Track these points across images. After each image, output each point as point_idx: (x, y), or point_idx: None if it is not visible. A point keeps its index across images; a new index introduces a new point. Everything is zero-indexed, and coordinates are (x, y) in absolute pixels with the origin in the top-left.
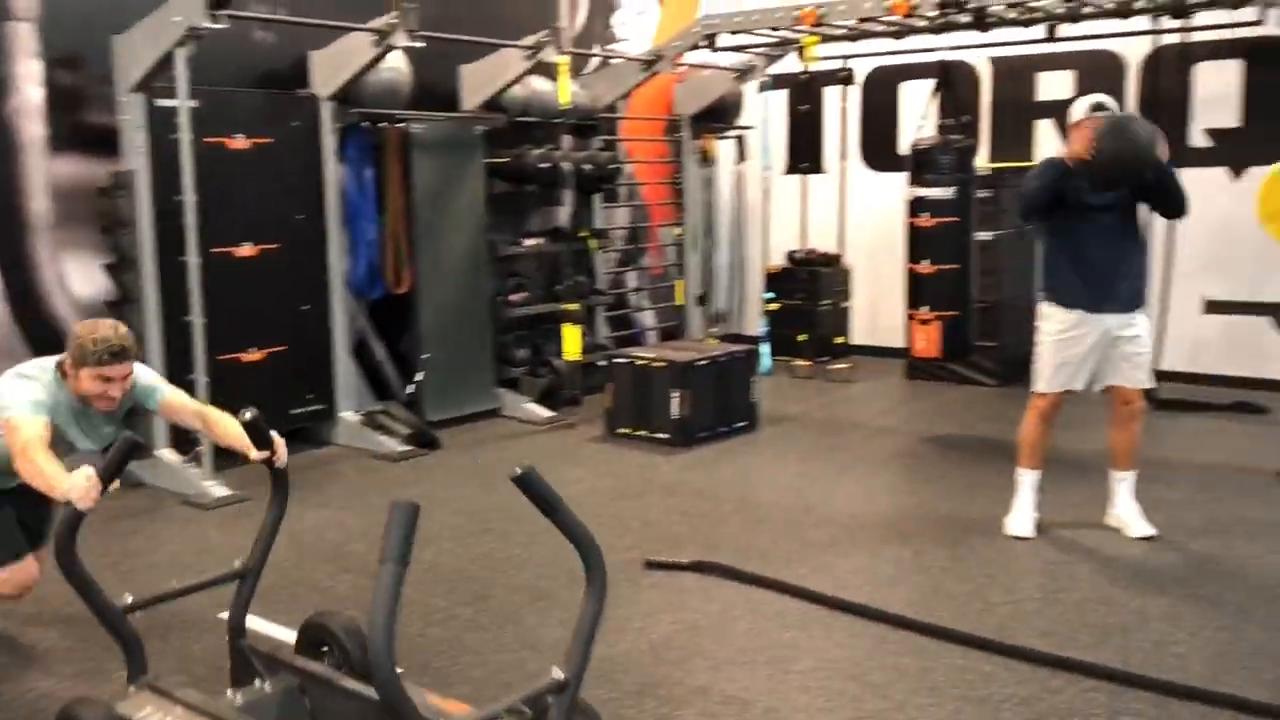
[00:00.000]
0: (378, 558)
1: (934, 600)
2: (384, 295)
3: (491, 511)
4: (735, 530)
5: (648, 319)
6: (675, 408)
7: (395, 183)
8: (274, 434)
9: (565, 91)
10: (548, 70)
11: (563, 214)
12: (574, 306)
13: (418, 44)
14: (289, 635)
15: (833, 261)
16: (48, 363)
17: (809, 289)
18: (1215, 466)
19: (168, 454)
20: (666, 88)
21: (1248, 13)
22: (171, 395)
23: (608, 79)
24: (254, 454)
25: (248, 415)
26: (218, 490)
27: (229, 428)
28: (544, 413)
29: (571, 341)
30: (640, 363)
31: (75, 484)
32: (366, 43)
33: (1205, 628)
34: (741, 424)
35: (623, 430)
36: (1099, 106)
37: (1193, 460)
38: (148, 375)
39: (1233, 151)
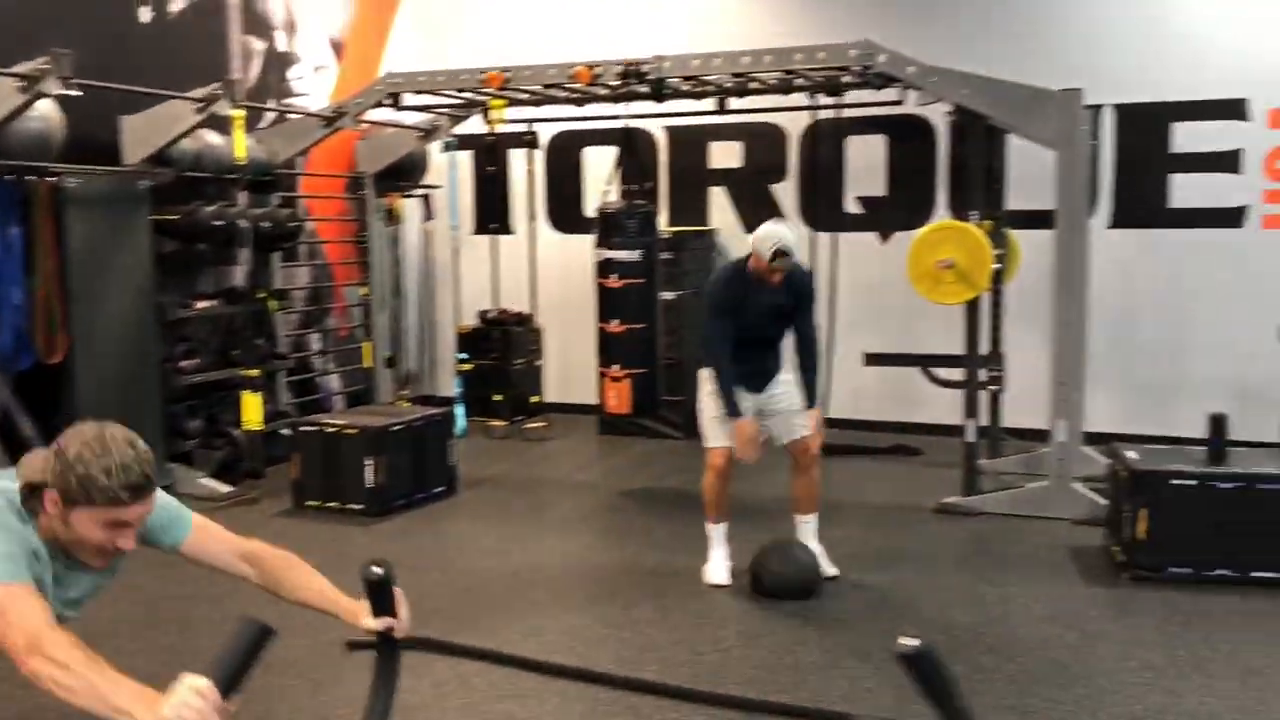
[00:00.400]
0: None
1: (645, 655)
2: (34, 365)
3: (169, 600)
4: (441, 601)
5: (334, 383)
6: (369, 476)
7: (46, 242)
8: (398, 591)
9: (241, 146)
10: (220, 123)
11: (239, 274)
12: (253, 372)
13: (72, 92)
14: None
15: (524, 321)
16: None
17: (502, 348)
18: (880, 506)
19: None
20: (348, 145)
21: (891, 93)
22: (202, 528)
23: (286, 134)
24: (367, 622)
25: (377, 570)
26: None
27: (305, 577)
28: (222, 488)
29: (251, 410)
30: (330, 430)
31: (182, 705)
32: (11, 89)
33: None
34: (440, 489)
35: (312, 503)
36: (781, 254)
37: (861, 501)
38: (163, 499)
39: (880, 218)
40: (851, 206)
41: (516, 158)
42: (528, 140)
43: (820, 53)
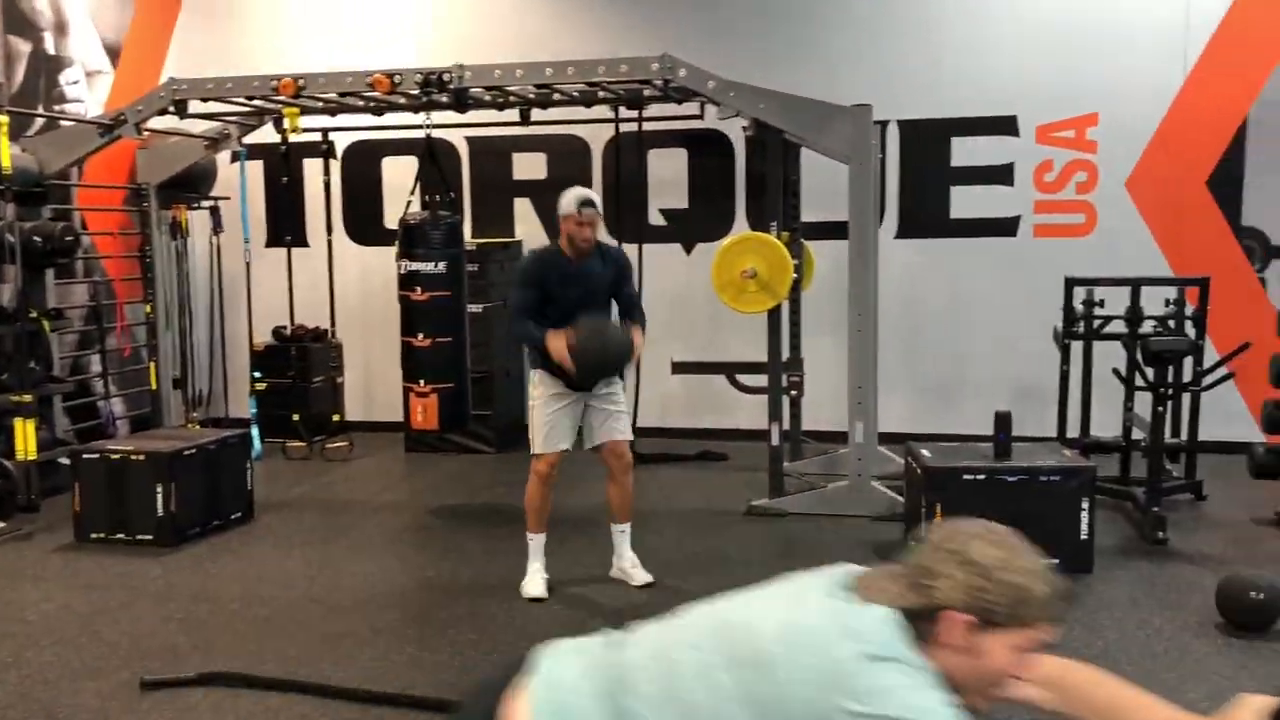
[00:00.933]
0: None
1: (465, 676)
2: None
3: None
4: (243, 633)
5: (117, 407)
6: (160, 504)
7: None
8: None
9: (5, 154)
10: None
11: (6, 292)
12: (25, 397)
13: None
14: None
15: (322, 337)
16: (890, 631)
17: (299, 366)
18: (691, 511)
19: None
20: (128, 154)
21: (691, 107)
22: None
23: (58, 142)
24: None
25: None
26: None
27: (1132, 698)
28: None
29: (24, 438)
30: (115, 456)
31: None
32: None
33: None
34: (236, 515)
35: (97, 535)
36: (587, 202)
37: (672, 507)
38: None
39: (683, 229)
40: (655, 218)
41: (312, 168)
42: (324, 150)
43: (623, 65)
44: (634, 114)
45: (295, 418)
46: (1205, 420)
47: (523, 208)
